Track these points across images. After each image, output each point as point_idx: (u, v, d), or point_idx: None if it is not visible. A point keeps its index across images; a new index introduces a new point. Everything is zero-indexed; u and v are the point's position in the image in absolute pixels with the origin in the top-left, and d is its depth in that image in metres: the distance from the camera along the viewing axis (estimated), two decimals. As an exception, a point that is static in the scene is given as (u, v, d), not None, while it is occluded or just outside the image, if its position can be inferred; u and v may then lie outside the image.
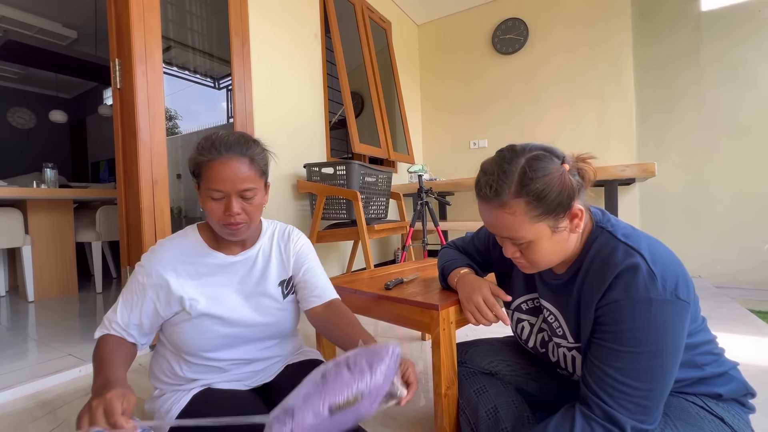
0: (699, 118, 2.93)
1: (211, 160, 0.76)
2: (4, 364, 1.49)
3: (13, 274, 3.03)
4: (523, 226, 0.66)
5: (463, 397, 0.86)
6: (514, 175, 0.65)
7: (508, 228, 0.68)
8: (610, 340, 0.64)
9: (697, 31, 2.91)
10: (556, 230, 0.67)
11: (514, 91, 3.58)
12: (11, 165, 5.57)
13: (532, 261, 0.71)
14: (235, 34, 2.09)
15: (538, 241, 0.68)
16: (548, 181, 0.64)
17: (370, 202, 2.49)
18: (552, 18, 3.38)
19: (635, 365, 0.61)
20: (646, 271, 0.62)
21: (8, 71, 5.53)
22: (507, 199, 0.66)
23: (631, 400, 0.61)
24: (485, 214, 0.71)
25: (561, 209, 0.65)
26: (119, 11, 1.65)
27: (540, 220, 0.66)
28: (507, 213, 0.66)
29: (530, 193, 0.64)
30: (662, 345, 0.61)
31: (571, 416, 0.66)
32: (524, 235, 0.67)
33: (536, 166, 0.65)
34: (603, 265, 0.66)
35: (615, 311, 0.63)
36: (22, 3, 3.99)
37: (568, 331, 0.73)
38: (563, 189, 0.64)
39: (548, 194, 0.64)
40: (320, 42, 2.76)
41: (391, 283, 1.08)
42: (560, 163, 0.66)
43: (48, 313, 2.30)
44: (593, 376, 0.65)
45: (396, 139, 3.50)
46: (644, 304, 0.60)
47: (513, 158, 0.67)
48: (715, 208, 2.89)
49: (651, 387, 0.61)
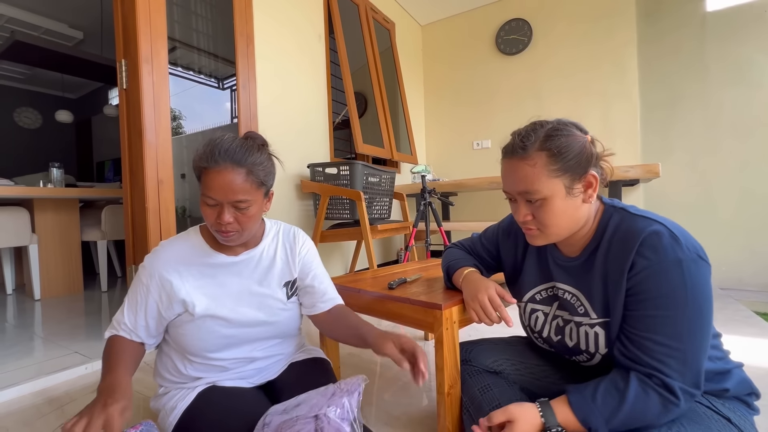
0: (704, 118, 2.92)
1: (207, 167, 0.75)
2: (12, 361, 1.51)
3: (19, 273, 3.06)
4: (541, 178, 0.69)
5: (466, 395, 0.87)
6: (541, 132, 0.71)
7: (526, 180, 0.71)
8: (650, 306, 0.65)
9: (702, 31, 2.90)
10: (570, 191, 0.70)
11: (517, 92, 3.58)
12: (18, 164, 5.63)
13: (543, 223, 0.73)
14: (240, 35, 2.11)
15: (552, 199, 0.70)
16: (571, 141, 0.69)
17: (373, 202, 2.49)
18: (555, 18, 3.37)
19: (679, 326, 0.63)
20: (669, 234, 0.65)
21: (15, 72, 5.59)
22: (531, 151, 0.70)
23: (679, 362, 0.63)
24: (507, 169, 0.75)
25: (578, 170, 0.69)
26: (126, 12, 1.67)
27: (557, 176, 0.69)
28: (528, 164, 0.70)
29: (552, 147, 0.69)
30: (699, 302, 0.63)
31: (624, 378, 0.67)
32: (540, 188, 0.70)
33: (561, 127, 0.71)
34: (625, 236, 0.69)
35: (648, 278, 0.65)
36: (29, 4, 4.03)
37: (591, 308, 0.74)
38: (583, 151, 0.69)
39: (569, 151, 0.69)
40: (324, 43, 2.77)
41: (394, 283, 1.09)
42: (585, 134, 0.72)
43: (54, 311, 2.32)
44: (637, 345, 0.66)
45: (399, 139, 3.50)
46: (675, 264, 0.63)
47: (544, 123, 0.74)
48: (719, 210, 2.87)
49: (693, 346, 0.63)
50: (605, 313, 0.72)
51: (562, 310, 0.81)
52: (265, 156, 0.81)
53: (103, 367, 0.73)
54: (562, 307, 0.81)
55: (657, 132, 3.08)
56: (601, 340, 0.73)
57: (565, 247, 0.80)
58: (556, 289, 0.82)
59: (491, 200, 3.68)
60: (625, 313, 0.69)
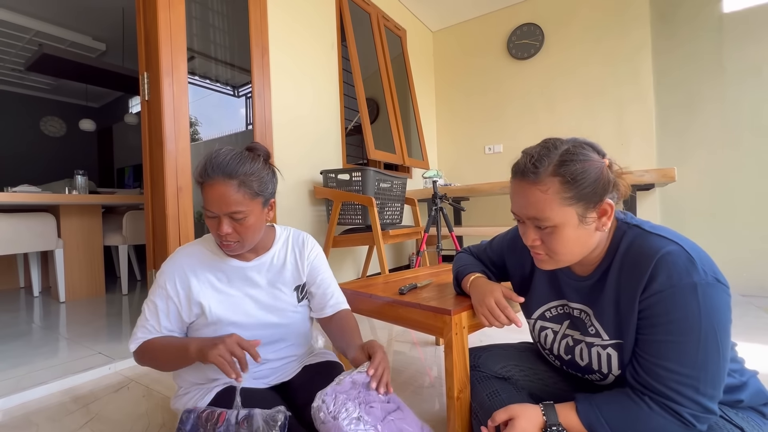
0: (722, 121, 2.86)
1: (202, 182, 0.79)
2: (40, 361, 1.58)
3: (45, 276, 3.18)
4: (552, 206, 0.66)
5: (475, 400, 0.88)
6: (556, 155, 0.67)
7: (537, 206, 0.67)
8: (661, 332, 0.63)
9: (719, 33, 2.85)
10: (583, 220, 0.67)
11: (529, 96, 3.57)
12: (43, 171, 5.87)
13: (552, 250, 0.70)
14: (255, 46, 2.17)
15: (562, 227, 0.67)
16: (587, 167, 0.65)
17: (385, 208, 2.52)
18: (568, 22, 3.36)
19: (692, 353, 0.61)
20: (685, 256, 0.62)
21: (42, 83, 5.84)
22: (543, 176, 0.66)
23: (692, 390, 0.61)
24: (517, 191, 0.71)
25: (593, 199, 0.66)
26: (148, 28, 1.74)
27: (570, 204, 0.66)
28: (540, 189, 0.67)
29: (567, 174, 0.65)
30: (714, 328, 0.60)
31: (636, 397, 0.65)
32: (551, 216, 0.66)
33: (578, 151, 0.66)
34: (638, 256, 0.66)
35: (661, 301, 0.62)
36: (56, 18, 4.22)
37: (602, 329, 0.72)
38: (599, 179, 0.65)
39: (584, 179, 0.65)
40: (336, 51, 2.83)
41: (405, 288, 1.11)
42: (602, 157, 0.68)
43: (78, 314, 2.41)
44: (647, 371, 0.64)
45: (411, 144, 3.53)
46: (690, 288, 0.60)
47: (557, 143, 0.69)
48: (740, 214, 2.80)
49: (707, 374, 0.61)
50: (618, 335, 0.70)
51: (572, 330, 0.79)
52: (260, 166, 0.81)
53: (171, 351, 0.81)
54: (573, 327, 0.79)
55: (673, 136, 3.03)
56: (614, 362, 0.71)
57: (576, 266, 0.77)
58: (568, 307, 0.80)
59: (503, 205, 3.67)
60: (637, 336, 0.67)
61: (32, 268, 2.87)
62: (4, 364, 1.57)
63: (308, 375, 0.94)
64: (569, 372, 0.84)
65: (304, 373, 0.95)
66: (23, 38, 4.49)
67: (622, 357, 0.70)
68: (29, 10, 4.05)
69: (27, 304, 2.73)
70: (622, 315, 0.68)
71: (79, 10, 4.07)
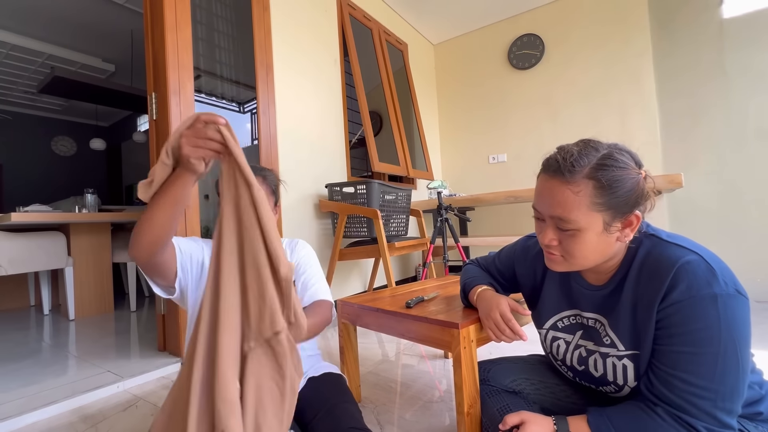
0: (728, 126, 2.84)
1: None
2: (50, 380, 1.59)
3: (55, 294, 3.21)
4: (581, 208, 0.64)
5: (486, 415, 0.86)
6: (595, 157, 0.64)
7: (565, 207, 0.65)
8: (679, 342, 0.61)
9: (720, 38, 2.85)
10: (607, 229, 0.65)
11: (532, 105, 3.59)
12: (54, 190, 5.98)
13: (569, 252, 0.68)
14: (260, 64, 2.22)
15: (585, 232, 0.65)
16: (624, 175, 0.63)
17: (390, 220, 2.53)
18: (567, 31, 3.39)
19: (710, 366, 0.59)
20: (705, 266, 0.60)
21: (53, 104, 6.00)
22: (578, 177, 0.64)
23: (709, 402, 0.59)
24: (545, 187, 0.68)
25: (623, 209, 0.64)
26: (156, 50, 1.79)
27: (599, 210, 0.64)
28: (571, 190, 0.64)
29: (603, 178, 0.63)
30: (734, 341, 0.59)
31: (649, 410, 0.64)
32: (577, 218, 0.64)
33: (618, 158, 0.64)
34: (657, 265, 0.64)
35: (680, 311, 0.61)
36: (68, 42, 4.36)
37: (618, 339, 0.70)
38: (634, 190, 0.63)
39: (619, 187, 0.63)
40: (340, 66, 2.88)
41: (412, 302, 1.10)
42: (639, 168, 0.66)
43: (87, 331, 2.43)
44: (663, 382, 0.63)
45: (415, 156, 3.55)
46: (710, 300, 0.59)
47: (598, 145, 0.67)
48: (752, 219, 2.76)
49: (725, 387, 0.59)
50: (634, 346, 0.68)
51: (586, 340, 0.78)
52: (273, 174, 0.99)
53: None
54: (587, 337, 0.78)
55: (678, 142, 3.02)
56: (630, 373, 0.70)
57: (590, 274, 0.76)
58: (581, 317, 0.79)
59: (509, 214, 3.66)
60: (654, 346, 0.65)
61: (42, 286, 2.90)
62: (16, 383, 1.58)
63: (314, 388, 0.93)
64: (582, 384, 0.83)
65: (310, 386, 0.94)
66: (36, 62, 4.63)
67: (638, 368, 0.69)
68: (42, 35, 4.19)
69: (37, 322, 2.75)
70: (638, 325, 0.67)
71: (89, 34, 4.20)
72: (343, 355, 1.26)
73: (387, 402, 1.31)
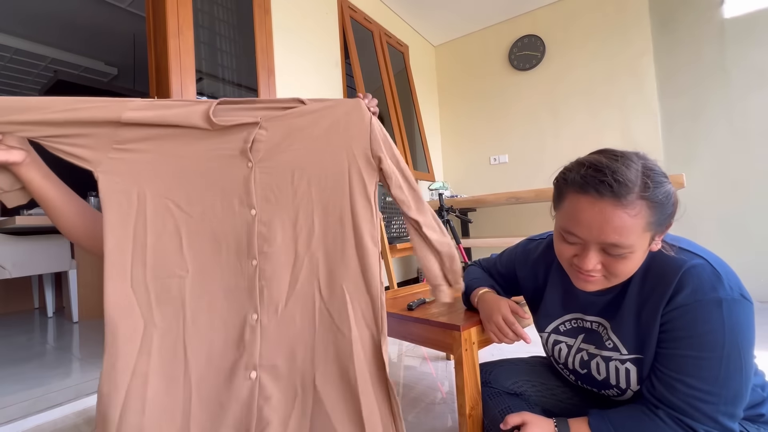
0: (730, 125, 2.84)
1: None
2: (55, 382, 1.60)
3: (59, 296, 3.23)
4: (637, 231, 0.59)
5: (488, 417, 0.87)
6: (637, 175, 0.59)
7: (620, 232, 0.58)
8: (683, 346, 0.61)
9: (721, 38, 2.85)
10: (652, 244, 0.63)
11: (533, 106, 3.59)
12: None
13: (613, 274, 0.63)
14: (262, 68, 2.23)
15: (636, 253, 0.61)
16: (668, 192, 0.60)
17: (392, 222, 2.53)
18: (568, 32, 3.39)
19: (714, 370, 0.59)
20: (711, 270, 0.60)
21: (57, 107, 6.02)
22: (632, 198, 0.58)
23: (711, 407, 0.60)
24: (593, 212, 0.60)
25: (668, 221, 0.62)
26: (158, 54, 1.81)
27: (650, 230, 0.60)
28: (628, 214, 0.58)
29: (654, 198, 0.58)
30: (738, 346, 0.59)
31: (651, 412, 0.64)
32: (632, 242, 0.59)
33: (655, 174, 0.60)
34: (662, 269, 0.64)
35: (684, 315, 0.61)
36: (71, 45, 4.38)
37: (621, 343, 0.71)
38: (676, 203, 0.62)
39: (667, 204, 0.60)
40: (341, 69, 2.89)
41: (414, 304, 1.11)
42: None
43: (90, 334, 2.44)
44: (666, 385, 0.63)
45: (416, 157, 3.56)
46: (715, 304, 0.59)
47: (628, 160, 0.60)
48: (754, 219, 2.75)
49: (728, 391, 0.60)
50: (637, 350, 0.68)
51: (587, 344, 0.78)
52: None
53: None
54: (588, 340, 0.78)
55: (680, 142, 3.01)
56: (633, 377, 0.70)
57: None
58: (583, 320, 0.79)
59: (510, 215, 3.66)
60: (657, 350, 0.65)
61: (46, 289, 2.92)
62: (21, 385, 1.59)
63: None
64: (584, 387, 0.83)
65: None
66: (39, 65, 4.65)
67: (641, 372, 0.69)
68: (45, 38, 4.21)
69: (41, 325, 2.77)
70: (642, 329, 0.67)
71: (92, 38, 4.22)
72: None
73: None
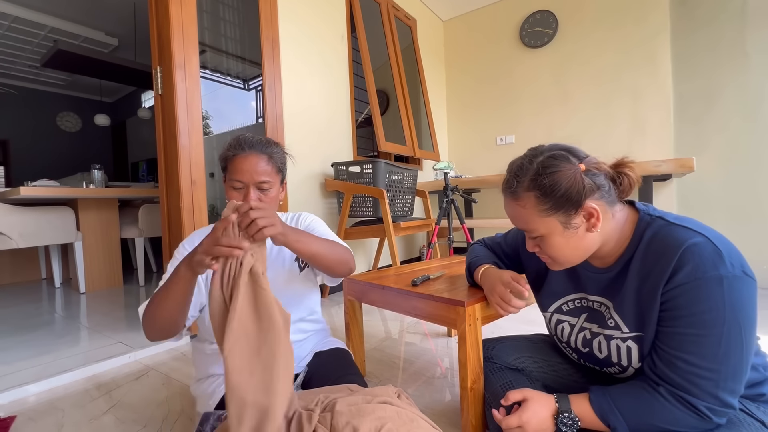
0: (744, 110, 2.76)
1: (235, 155, 0.87)
2: (64, 349, 1.64)
3: (65, 268, 3.28)
4: (534, 218, 0.70)
5: (489, 391, 0.88)
6: (531, 170, 0.69)
7: (522, 220, 0.72)
8: (684, 324, 0.62)
9: (743, 18, 2.74)
10: (568, 227, 0.69)
11: (542, 86, 3.50)
12: (58, 166, 6.00)
13: (550, 255, 0.73)
14: (266, 39, 2.17)
15: (550, 236, 0.70)
16: (558, 178, 0.66)
17: (396, 200, 2.52)
18: (583, 8, 3.27)
19: (714, 347, 0.60)
20: (711, 248, 0.60)
21: (57, 78, 5.94)
22: (520, 193, 0.70)
23: (711, 383, 0.61)
24: (505, 205, 0.76)
25: (570, 206, 0.67)
26: (160, 23, 1.75)
27: (549, 215, 0.68)
28: (519, 205, 0.71)
29: (539, 188, 0.68)
30: (739, 323, 0.59)
31: (651, 388, 0.66)
32: (536, 228, 0.71)
33: (549, 163, 0.68)
34: (663, 247, 0.65)
35: (685, 293, 0.61)
36: (70, 14, 4.27)
37: (622, 322, 0.71)
38: (572, 186, 0.65)
39: (556, 190, 0.66)
40: (347, 43, 2.81)
41: (418, 280, 1.11)
42: (577, 163, 0.67)
43: (98, 304, 2.48)
44: (666, 363, 0.64)
45: (421, 136, 3.51)
46: (715, 282, 0.59)
47: (533, 156, 0.71)
48: (762, 205, 2.72)
49: (728, 368, 0.60)
50: (638, 328, 0.69)
51: (590, 322, 0.79)
52: (281, 150, 0.95)
53: (169, 284, 0.74)
54: (591, 319, 0.79)
55: (692, 125, 2.95)
56: (635, 355, 0.71)
57: (595, 259, 0.76)
58: (586, 300, 0.80)
59: (515, 196, 3.63)
60: (658, 328, 0.66)
61: (53, 260, 2.96)
62: (31, 351, 1.63)
63: (321, 364, 0.95)
64: (586, 365, 0.84)
65: (317, 362, 0.96)
66: (38, 35, 4.56)
67: (642, 350, 0.70)
68: (44, 6, 4.11)
69: (49, 294, 2.82)
70: (643, 307, 0.68)
71: (91, 6, 4.11)
72: (348, 330, 1.28)
73: (390, 377, 1.34)
